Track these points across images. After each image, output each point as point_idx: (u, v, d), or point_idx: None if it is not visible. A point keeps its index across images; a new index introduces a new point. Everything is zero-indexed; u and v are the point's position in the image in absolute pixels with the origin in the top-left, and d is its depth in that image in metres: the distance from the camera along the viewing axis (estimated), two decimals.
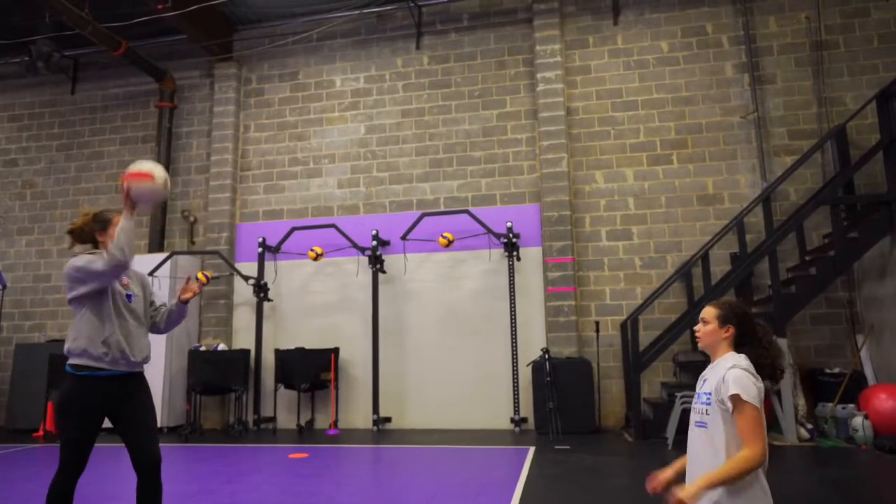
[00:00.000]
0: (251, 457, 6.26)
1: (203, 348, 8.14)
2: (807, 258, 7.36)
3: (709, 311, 2.49)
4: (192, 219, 9.30)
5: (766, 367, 2.40)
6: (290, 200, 9.17)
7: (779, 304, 6.56)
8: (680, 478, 2.39)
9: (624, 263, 8.06)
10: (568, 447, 6.28)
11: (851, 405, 6.57)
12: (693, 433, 2.45)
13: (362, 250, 8.41)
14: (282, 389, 8.17)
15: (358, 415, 8.26)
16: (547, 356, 7.46)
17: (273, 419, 8.28)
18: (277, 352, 8.15)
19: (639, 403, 6.78)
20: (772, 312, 6.64)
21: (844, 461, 5.47)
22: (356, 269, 8.61)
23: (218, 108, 9.37)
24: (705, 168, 8.00)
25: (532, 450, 6.19)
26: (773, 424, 6.78)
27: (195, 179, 9.47)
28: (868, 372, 7.05)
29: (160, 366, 8.07)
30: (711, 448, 2.27)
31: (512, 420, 7.72)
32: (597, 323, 7.79)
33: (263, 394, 8.37)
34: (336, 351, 8.15)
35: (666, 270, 7.89)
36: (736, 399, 2.23)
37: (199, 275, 8.21)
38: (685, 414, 6.05)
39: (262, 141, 9.43)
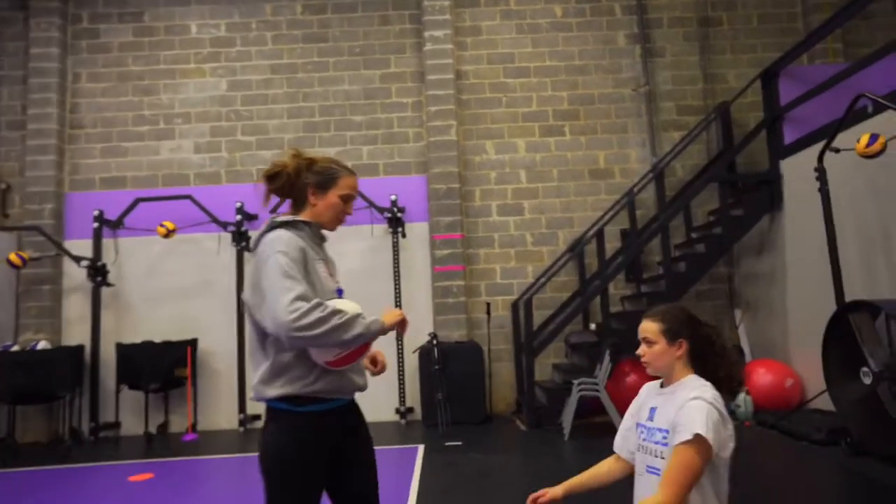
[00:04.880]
0: (78, 483, 5.08)
1: (16, 348, 6.61)
2: (693, 235, 7.35)
3: (649, 328, 1.95)
4: (2, 185, 7.55)
5: (723, 380, 1.93)
6: (136, 166, 7.73)
7: (670, 283, 6.44)
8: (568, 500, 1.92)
9: (515, 240, 7.63)
10: (459, 443, 5.75)
11: None
12: (641, 481, 1.91)
13: (224, 226, 7.27)
14: (126, 390, 6.91)
15: (221, 414, 7.20)
16: (435, 342, 6.88)
17: (115, 426, 7.00)
18: (119, 346, 6.85)
19: (532, 391, 6.41)
20: (663, 291, 6.51)
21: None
22: (217, 246, 7.44)
23: (35, 50, 7.61)
24: (597, 141, 7.72)
25: (421, 450, 5.58)
26: None
27: (7, 137, 7.68)
28: (745, 347, 7.22)
29: None
30: None
31: (397, 411, 7.10)
32: (488, 304, 7.33)
33: (103, 396, 7.03)
34: (193, 343, 7.01)
35: (557, 247, 7.57)
36: (696, 437, 1.72)
37: (12, 256, 6.65)
38: (582, 402, 5.75)
39: (97, 93, 7.83)
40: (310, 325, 1.75)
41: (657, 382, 2.06)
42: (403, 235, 7.39)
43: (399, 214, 7.32)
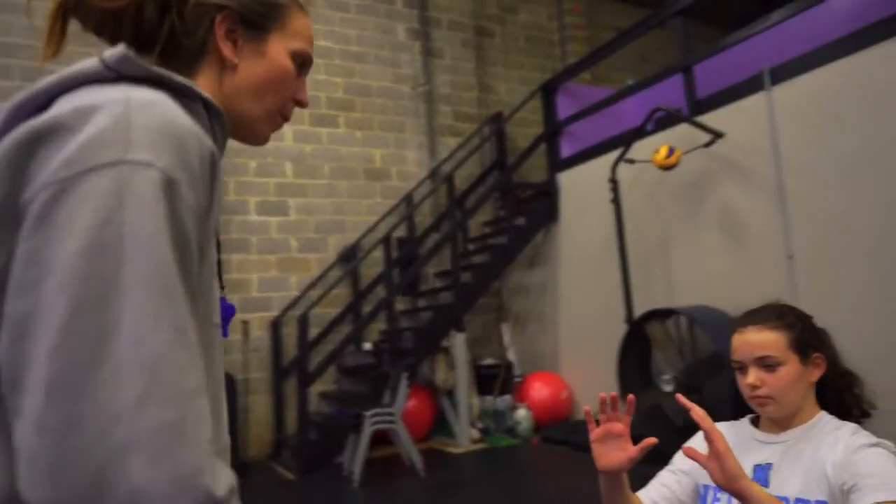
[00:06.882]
0: None
1: None
2: (469, 247, 7.04)
3: (770, 340, 1.15)
4: None
5: (851, 409, 1.26)
6: None
7: (459, 296, 5.91)
8: None
9: (277, 245, 6.32)
10: None
11: (508, 396, 6.46)
12: None
13: None
14: None
15: None
16: None
17: None
18: None
19: (307, 428, 5.17)
20: (450, 303, 5.95)
21: (523, 459, 5.12)
22: None
23: None
24: (373, 138, 6.92)
25: None
26: (439, 428, 6.16)
27: None
28: (514, 361, 7.12)
29: None
30: None
31: None
32: (245, 323, 5.85)
33: None
34: None
35: (327, 255, 6.50)
36: None
37: None
38: (377, 436, 4.77)
39: None
40: None
41: (743, 422, 1.27)
42: None
43: None
